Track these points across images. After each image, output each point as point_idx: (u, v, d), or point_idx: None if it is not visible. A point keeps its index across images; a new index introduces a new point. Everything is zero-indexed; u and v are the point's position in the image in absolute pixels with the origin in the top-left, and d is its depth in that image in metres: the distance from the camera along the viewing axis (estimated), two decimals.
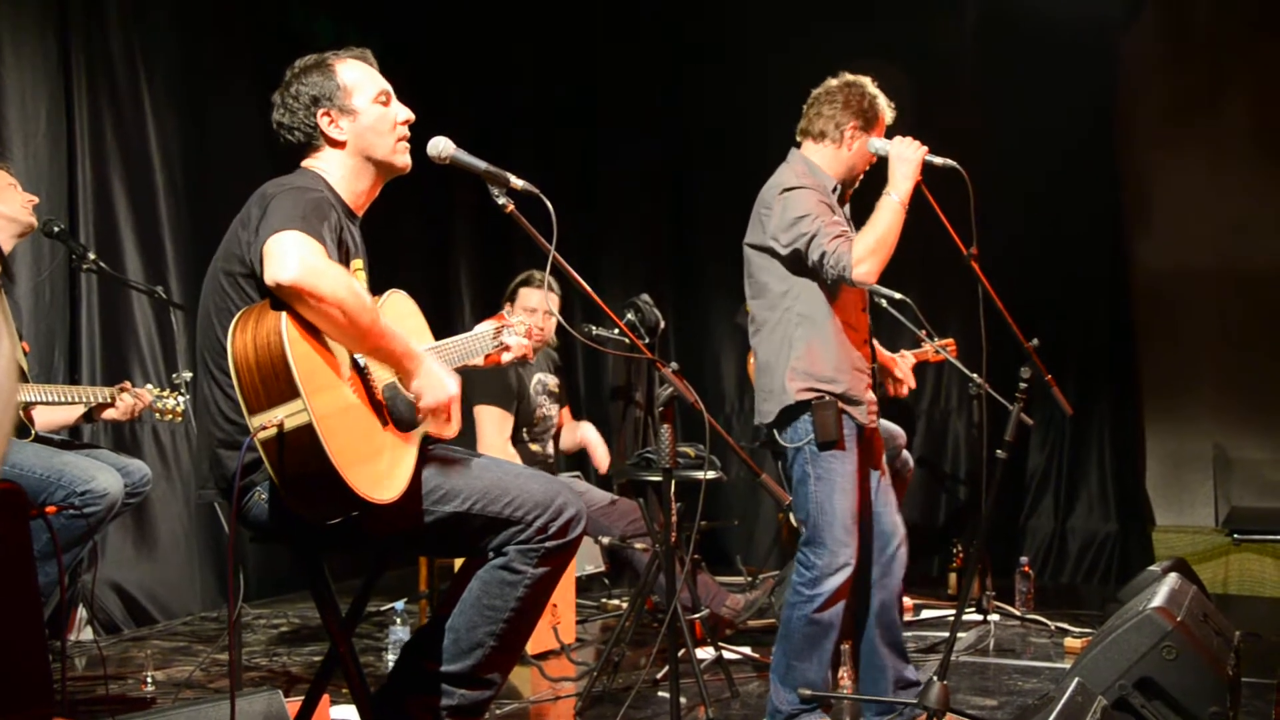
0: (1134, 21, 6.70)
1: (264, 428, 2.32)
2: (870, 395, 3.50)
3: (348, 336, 2.45)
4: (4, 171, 3.86)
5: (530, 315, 4.73)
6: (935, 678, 3.24)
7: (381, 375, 2.58)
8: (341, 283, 2.39)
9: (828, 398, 3.38)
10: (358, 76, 2.73)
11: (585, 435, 5.30)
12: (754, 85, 7.19)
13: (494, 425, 4.78)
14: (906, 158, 3.34)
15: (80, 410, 3.95)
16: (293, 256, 2.34)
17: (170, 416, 4.08)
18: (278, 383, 2.32)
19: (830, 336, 3.42)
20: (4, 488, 1.89)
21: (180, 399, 4.09)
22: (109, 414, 3.91)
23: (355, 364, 2.52)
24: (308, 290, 2.34)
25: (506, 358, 2.98)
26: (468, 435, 4.66)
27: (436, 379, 2.58)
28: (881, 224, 3.31)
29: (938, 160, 3.37)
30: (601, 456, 5.26)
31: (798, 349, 3.43)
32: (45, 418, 3.94)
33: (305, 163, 2.72)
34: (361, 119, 2.71)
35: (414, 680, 2.69)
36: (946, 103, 6.56)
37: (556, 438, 5.23)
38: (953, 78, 6.73)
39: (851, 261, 3.28)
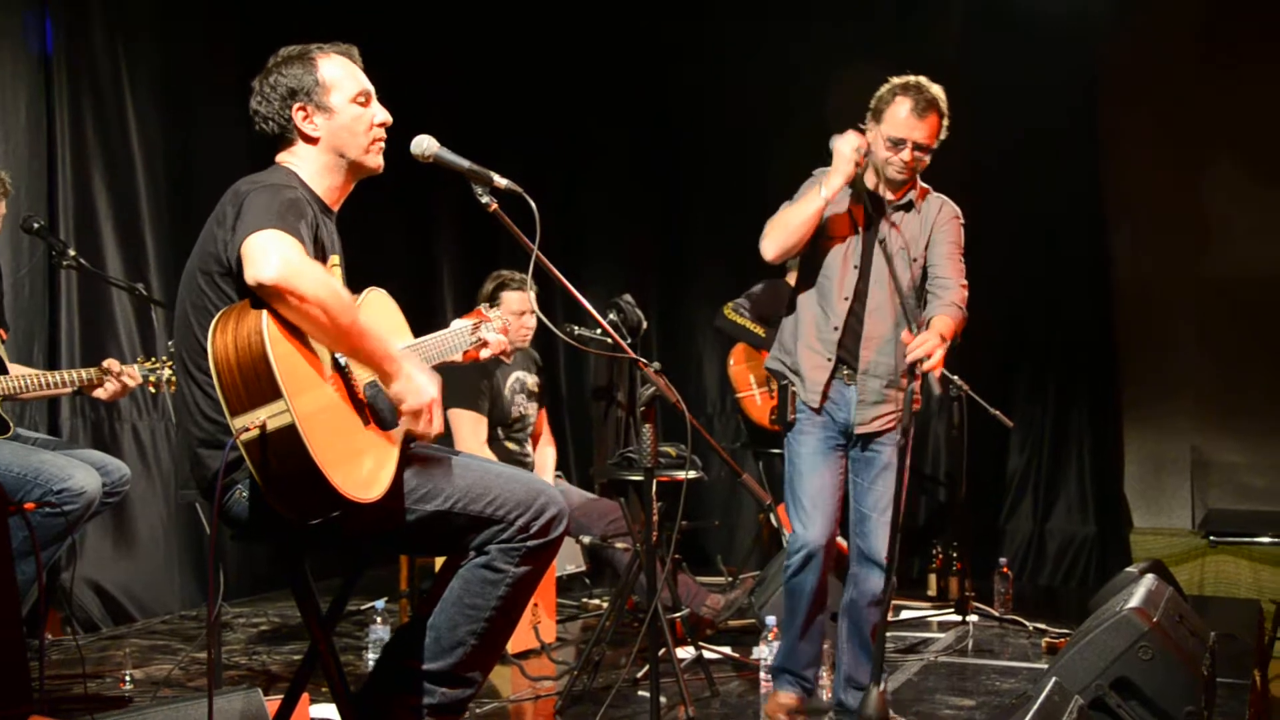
0: (1117, 23, 6.74)
1: (246, 429, 2.30)
2: (818, 376, 3.52)
3: (328, 336, 2.43)
4: None
5: (518, 318, 4.77)
6: (873, 685, 3.25)
7: (363, 375, 2.58)
8: (322, 282, 2.38)
9: (787, 378, 3.59)
10: (339, 74, 2.71)
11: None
12: (740, 86, 7.21)
13: (469, 428, 4.78)
14: (843, 155, 3.38)
15: (69, 391, 3.90)
16: (274, 256, 2.32)
17: (170, 386, 3.98)
18: (259, 383, 2.31)
19: (798, 314, 3.59)
20: None
21: (170, 367, 3.99)
22: (97, 394, 3.85)
23: (336, 364, 2.51)
24: (289, 289, 2.32)
25: (485, 354, 2.98)
26: (444, 439, 4.65)
27: (415, 383, 2.54)
28: (793, 209, 3.45)
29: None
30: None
31: (783, 323, 3.67)
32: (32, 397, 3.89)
33: (279, 157, 2.71)
34: (337, 118, 2.68)
35: (395, 679, 2.69)
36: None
37: (535, 437, 5.22)
38: (938, 79, 6.76)
39: (763, 234, 3.48)
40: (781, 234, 3.43)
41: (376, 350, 2.49)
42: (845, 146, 3.38)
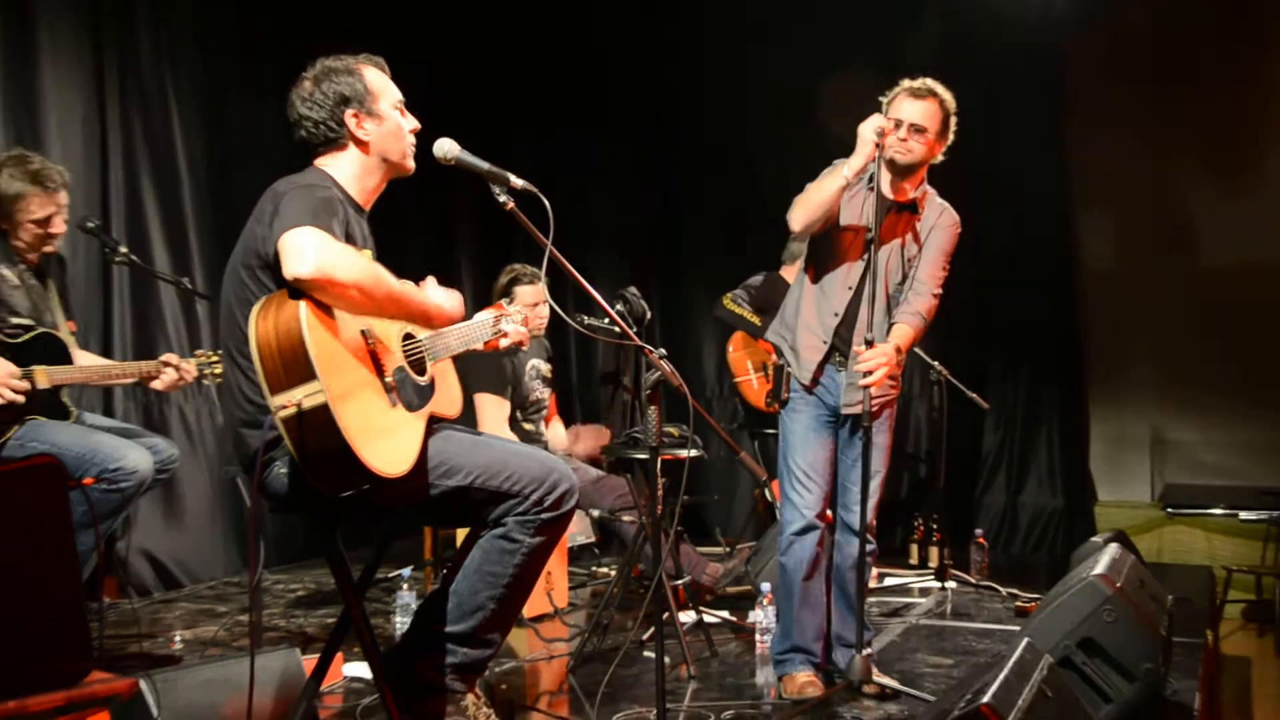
0: (1082, 36, 6.71)
1: (284, 407, 2.31)
2: (812, 357, 3.47)
3: (369, 310, 2.46)
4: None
5: (532, 309, 4.78)
6: (856, 653, 3.27)
7: (391, 360, 2.58)
8: (355, 265, 2.39)
9: (784, 356, 3.54)
10: (381, 83, 2.72)
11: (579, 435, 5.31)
12: (739, 94, 7.17)
13: (493, 410, 4.78)
14: (864, 137, 3.32)
15: (131, 380, 3.90)
16: (309, 251, 2.33)
17: (216, 379, 3.95)
18: (296, 366, 2.31)
19: (800, 296, 3.55)
20: (44, 461, 1.89)
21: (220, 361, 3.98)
22: (154, 385, 3.85)
23: (368, 348, 2.52)
24: (325, 280, 2.33)
25: (504, 343, 2.99)
26: (469, 420, 4.65)
27: (449, 300, 2.71)
28: (817, 184, 3.39)
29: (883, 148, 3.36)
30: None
31: (786, 302, 3.63)
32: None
33: (317, 161, 2.70)
34: (385, 123, 2.69)
35: (421, 640, 2.70)
36: None
37: (548, 418, 5.22)
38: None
39: (790, 210, 3.42)
40: (806, 208, 3.37)
41: (414, 307, 2.59)
42: (866, 129, 3.31)
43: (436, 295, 2.71)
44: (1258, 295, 6.69)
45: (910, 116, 3.39)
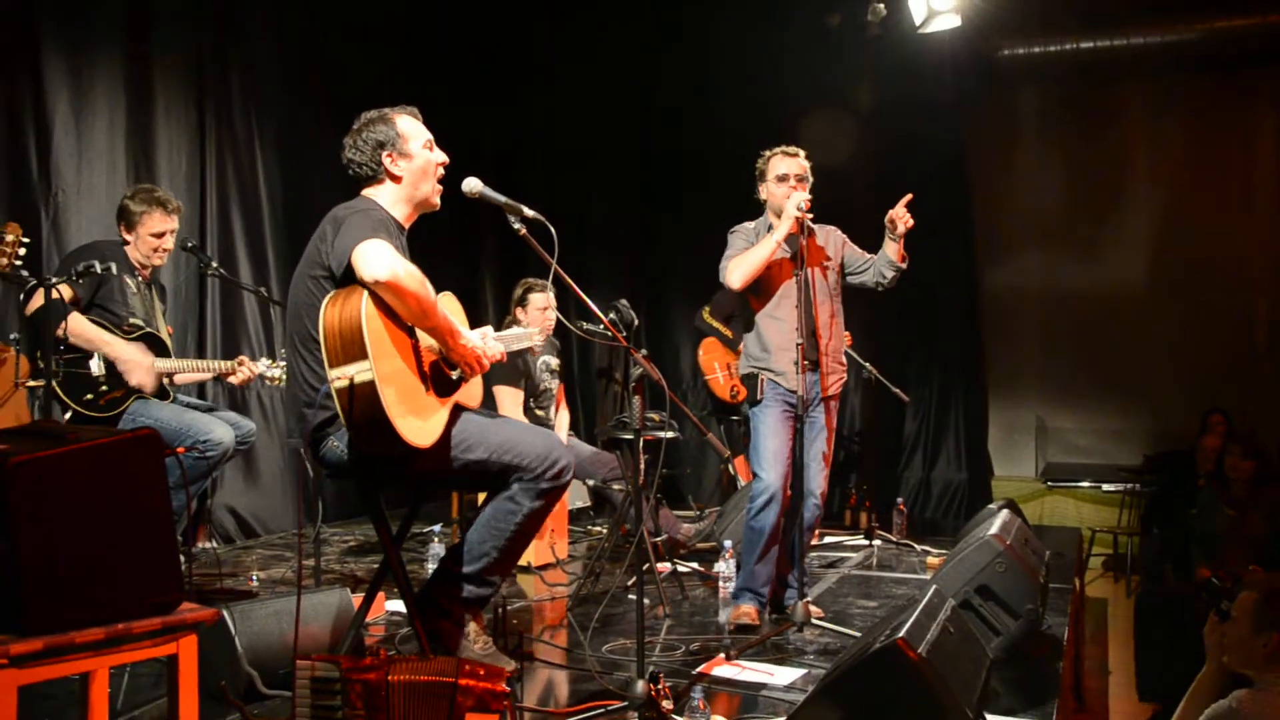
0: (977, 111, 6.76)
1: (339, 378, 2.32)
2: (789, 369, 3.44)
3: (415, 317, 2.46)
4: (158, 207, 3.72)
5: (542, 313, 4.77)
6: (798, 599, 3.27)
7: (429, 356, 2.58)
8: (418, 279, 2.41)
9: (754, 370, 3.53)
10: (412, 127, 2.69)
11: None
12: (712, 140, 7.15)
13: (510, 400, 4.75)
14: (789, 214, 3.40)
15: (211, 376, 3.91)
16: (385, 260, 2.35)
17: (274, 382, 3.99)
18: (353, 347, 2.32)
19: (760, 327, 3.54)
20: (146, 433, 1.90)
21: (280, 368, 4.02)
22: (231, 379, 3.86)
23: (412, 344, 2.51)
24: (396, 286, 2.35)
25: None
26: (491, 408, 4.62)
27: (472, 340, 2.62)
28: (754, 251, 3.44)
29: (808, 218, 3.43)
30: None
31: (746, 340, 3.60)
32: (185, 377, 3.89)
33: (365, 192, 2.69)
34: (415, 161, 2.67)
35: (442, 578, 2.70)
36: (849, 173, 6.47)
37: (556, 405, 5.20)
38: (860, 127, 6.52)
39: (726, 271, 3.45)
40: (748, 270, 3.41)
41: (443, 327, 2.53)
42: (791, 206, 3.39)
43: (468, 331, 2.66)
44: (1117, 313, 6.76)
45: (795, 171, 3.52)
